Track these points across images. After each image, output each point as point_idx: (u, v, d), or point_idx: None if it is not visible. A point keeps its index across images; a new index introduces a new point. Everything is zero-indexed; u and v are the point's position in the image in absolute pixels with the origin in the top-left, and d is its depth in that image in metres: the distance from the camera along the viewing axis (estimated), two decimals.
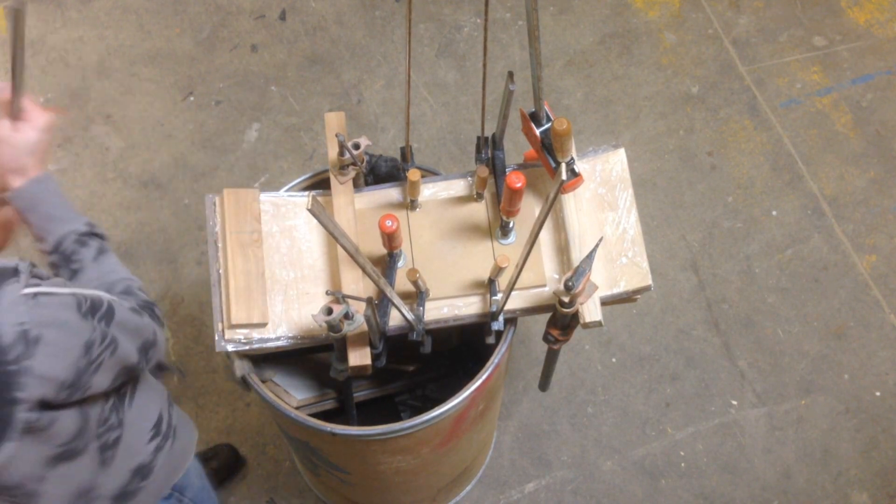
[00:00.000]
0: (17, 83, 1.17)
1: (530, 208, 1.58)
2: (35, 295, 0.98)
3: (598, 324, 1.44)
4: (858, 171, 2.79)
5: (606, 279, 1.51)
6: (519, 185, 1.38)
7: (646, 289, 1.52)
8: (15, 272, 0.99)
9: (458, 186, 1.61)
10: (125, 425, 1.23)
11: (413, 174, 1.49)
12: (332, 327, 1.43)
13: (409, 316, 1.47)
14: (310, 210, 1.05)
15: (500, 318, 1.50)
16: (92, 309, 1.06)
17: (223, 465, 2.31)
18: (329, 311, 1.36)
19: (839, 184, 2.77)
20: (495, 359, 1.56)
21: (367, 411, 1.90)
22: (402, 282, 1.51)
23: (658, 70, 2.97)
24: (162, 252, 2.64)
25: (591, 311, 1.44)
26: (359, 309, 1.43)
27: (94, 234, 1.29)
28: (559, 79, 2.95)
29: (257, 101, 2.89)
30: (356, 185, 1.61)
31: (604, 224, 1.54)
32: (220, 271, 1.51)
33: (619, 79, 2.95)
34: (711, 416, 2.43)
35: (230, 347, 1.51)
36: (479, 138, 1.60)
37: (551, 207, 1.16)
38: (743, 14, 3.08)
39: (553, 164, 1.47)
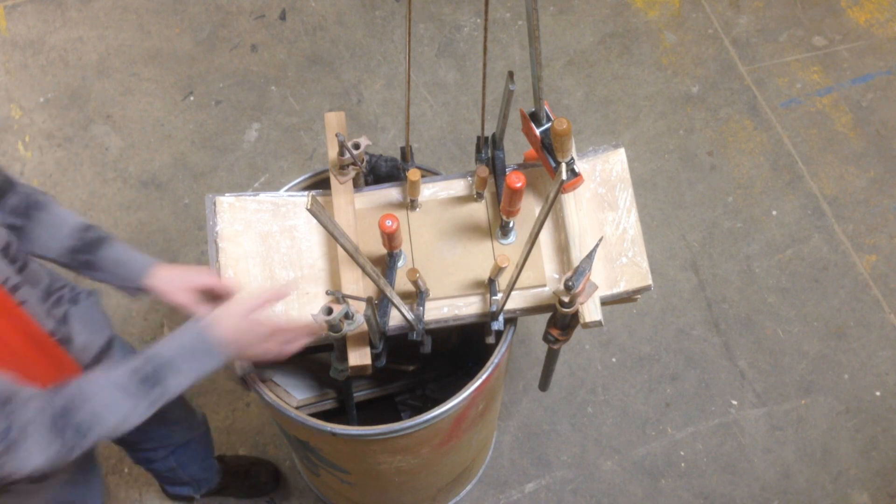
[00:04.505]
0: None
1: (530, 208, 1.58)
2: None
3: (599, 324, 1.44)
4: (858, 171, 2.79)
5: (606, 279, 1.51)
6: (519, 185, 1.38)
7: (646, 289, 1.52)
8: None
9: (458, 186, 1.61)
10: None
11: (413, 174, 1.48)
12: (332, 327, 1.43)
13: (409, 316, 1.47)
14: (309, 210, 1.05)
15: (500, 318, 1.50)
16: None
17: (259, 484, 2.31)
18: (329, 311, 1.35)
19: (839, 184, 2.77)
20: (495, 359, 1.56)
21: (367, 411, 1.90)
22: (402, 282, 1.51)
23: (658, 70, 2.97)
24: (162, 252, 2.64)
25: (591, 310, 1.43)
26: (359, 309, 1.43)
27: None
28: (559, 79, 2.95)
29: (257, 101, 2.89)
30: (356, 185, 1.61)
31: (604, 224, 1.54)
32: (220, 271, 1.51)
33: (619, 79, 2.95)
34: (711, 416, 2.43)
35: None
36: (479, 138, 1.60)
37: (551, 207, 1.16)
38: (743, 14, 3.09)
39: (553, 164, 1.47)
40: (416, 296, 1.50)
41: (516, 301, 1.52)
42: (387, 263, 1.54)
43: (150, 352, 1.22)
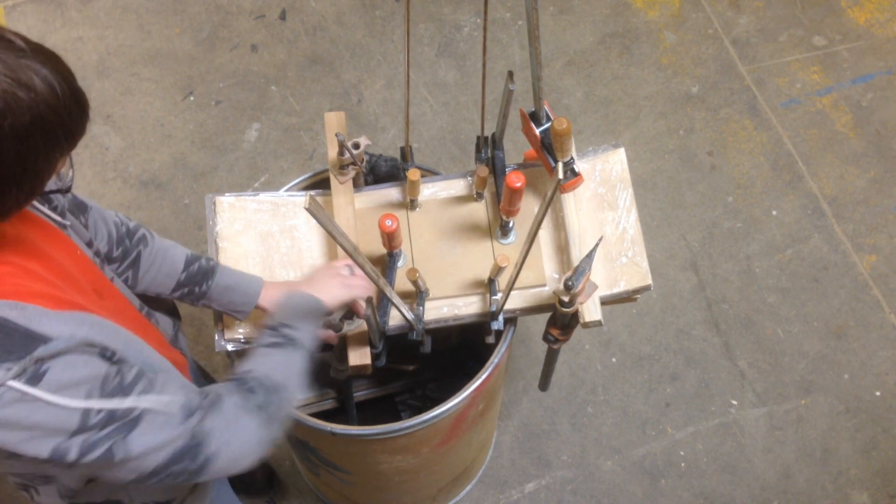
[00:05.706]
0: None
1: (530, 208, 1.58)
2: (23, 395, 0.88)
3: (598, 323, 1.44)
4: (858, 171, 2.79)
5: (606, 279, 1.51)
6: (519, 184, 1.38)
7: (646, 288, 1.52)
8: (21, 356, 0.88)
9: (458, 186, 1.61)
10: None
11: (413, 174, 1.49)
12: (333, 327, 1.43)
13: (409, 316, 1.47)
14: (307, 209, 1.05)
15: (500, 318, 1.50)
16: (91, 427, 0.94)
17: (255, 483, 2.30)
18: (328, 313, 1.35)
19: (839, 184, 2.77)
20: (495, 358, 1.56)
21: (367, 411, 1.90)
22: (401, 281, 1.51)
23: (658, 70, 2.97)
24: None
25: (590, 310, 1.43)
26: None
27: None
28: (559, 79, 2.95)
29: (257, 101, 2.89)
30: (356, 185, 1.61)
31: (604, 224, 1.54)
32: None
33: (619, 79, 2.95)
34: (711, 416, 2.43)
35: (230, 347, 1.52)
36: (479, 138, 1.60)
37: (548, 207, 1.16)
38: (743, 14, 3.09)
39: (553, 164, 1.47)
40: (416, 296, 1.50)
41: (516, 301, 1.52)
42: (386, 263, 1.54)
43: (267, 324, 1.26)
